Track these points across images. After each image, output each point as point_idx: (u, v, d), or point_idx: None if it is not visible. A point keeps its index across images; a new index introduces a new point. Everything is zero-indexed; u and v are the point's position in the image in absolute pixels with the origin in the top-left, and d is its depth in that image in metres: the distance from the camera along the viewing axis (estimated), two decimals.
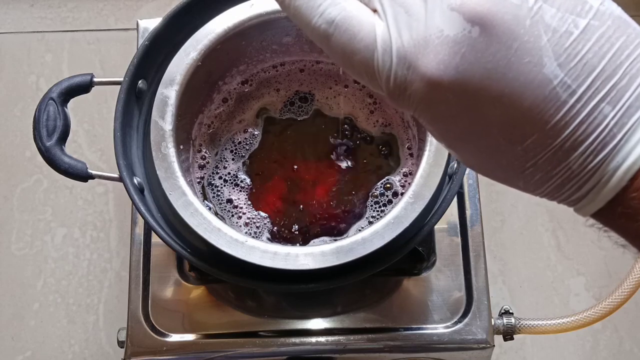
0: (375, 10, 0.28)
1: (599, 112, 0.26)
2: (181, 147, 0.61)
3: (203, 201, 0.62)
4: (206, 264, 0.56)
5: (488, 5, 0.26)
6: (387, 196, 0.63)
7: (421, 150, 0.58)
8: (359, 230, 0.59)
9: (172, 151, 0.57)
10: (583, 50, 0.26)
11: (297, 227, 0.62)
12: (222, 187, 0.64)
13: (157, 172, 0.56)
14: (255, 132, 0.66)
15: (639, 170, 0.26)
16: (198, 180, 0.64)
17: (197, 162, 0.65)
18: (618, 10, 0.27)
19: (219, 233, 0.54)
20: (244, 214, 0.63)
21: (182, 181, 0.57)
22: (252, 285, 0.57)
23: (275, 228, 0.62)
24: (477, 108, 0.27)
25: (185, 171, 0.60)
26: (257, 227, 0.62)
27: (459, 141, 0.29)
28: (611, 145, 0.26)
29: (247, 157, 0.65)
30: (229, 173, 0.65)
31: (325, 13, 0.28)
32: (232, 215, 0.62)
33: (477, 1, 0.26)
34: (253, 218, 0.63)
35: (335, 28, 0.28)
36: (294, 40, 0.65)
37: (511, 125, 0.27)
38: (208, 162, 0.65)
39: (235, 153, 0.65)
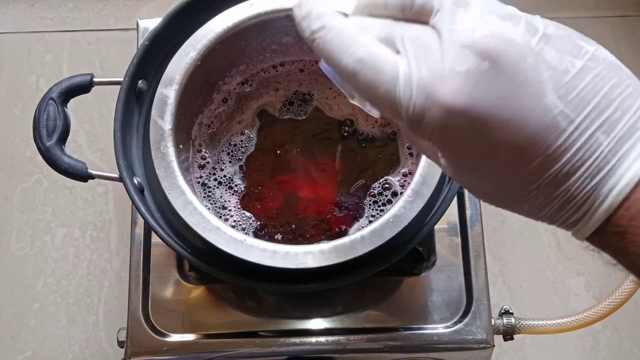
0: (398, 52, 0.32)
1: (594, 140, 0.29)
2: (181, 146, 0.61)
3: (202, 200, 0.62)
4: (206, 264, 0.56)
5: (495, 43, 0.29)
6: (386, 195, 0.63)
7: None
8: (359, 229, 0.59)
9: (171, 150, 0.56)
10: (580, 86, 0.29)
11: (290, 232, 0.62)
12: (214, 189, 0.64)
13: (157, 172, 0.55)
14: (252, 135, 0.66)
15: (630, 192, 0.29)
16: (198, 180, 0.64)
17: (197, 162, 0.65)
18: (612, 57, 0.30)
19: (217, 232, 0.54)
20: (231, 216, 0.63)
21: (181, 180, 0.57)
22: (252, 285, 0.57)
23: (261, 225, 0.62)
24: (487, 133, 0.30)
25: (185, 170, 0.60)
26: (243, 230, 0.62)
27: (470, 168, 0.32)
28: (605, 170, 0.29)
29: (243, 160, 0.65)
30: (225, 176, 0.65)
31: (355, 54, 0.32)
32: (220, 217, 0.62)
33: (486, 40, 0.29)
34: (239, 220, 0.63)
35: (362, 65, 0.32)
36: (294, 40, 0.65)
37: (517, 149, 0.30)
38: (208, 162, 0.65)
39: (232, 156, 0.65)
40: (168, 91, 0.58)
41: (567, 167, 0.29)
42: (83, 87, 0.61)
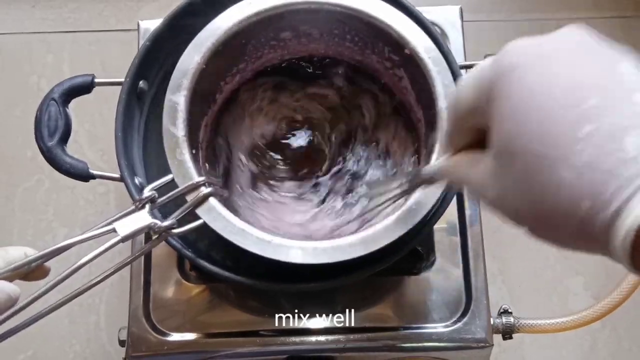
0: None
1: None
2: (193, 151, 0.61)
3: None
4: (211, 264, 0.56)
5: None
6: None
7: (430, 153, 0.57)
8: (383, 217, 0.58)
9: (187, 157, 0.55)
10: None
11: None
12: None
13: (175, 179, 0.55)
14: (255, 119, 0.67)
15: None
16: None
17: (206, 161, 0.65)
18: None
19: (244, 234, 0.53)
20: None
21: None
22: (253, 285, 0.57)
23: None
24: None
25: (198, 172, 0.59)
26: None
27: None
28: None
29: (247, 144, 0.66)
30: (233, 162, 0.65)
31: None
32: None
33: None
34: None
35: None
36: (292, 35, 0.64)
37: None
38: (216, 159, 0.65)
39: (239, 141, 0.66)
40: (177, 98, 0.57)
41: None
42: (84, 88, 0.61)
